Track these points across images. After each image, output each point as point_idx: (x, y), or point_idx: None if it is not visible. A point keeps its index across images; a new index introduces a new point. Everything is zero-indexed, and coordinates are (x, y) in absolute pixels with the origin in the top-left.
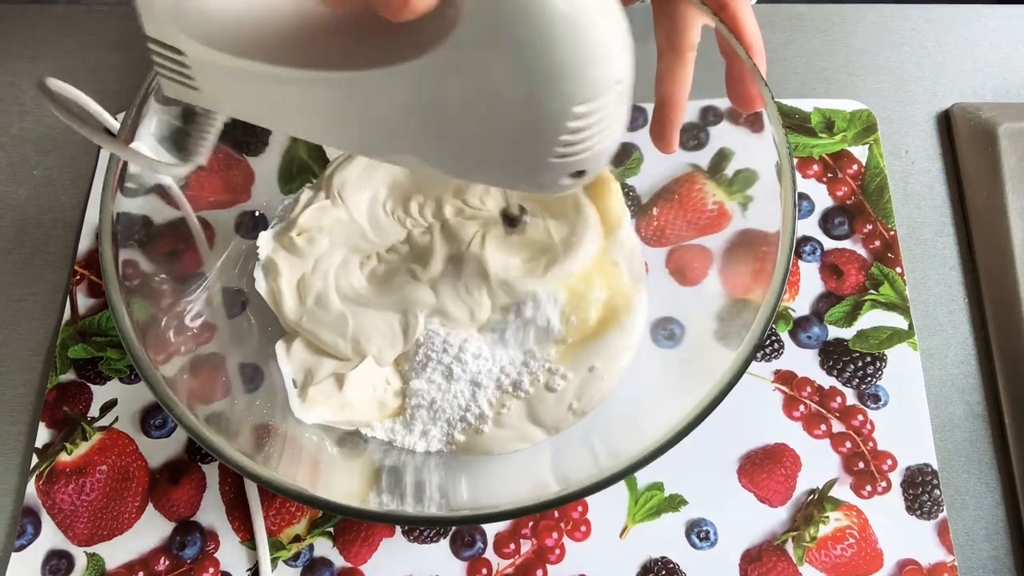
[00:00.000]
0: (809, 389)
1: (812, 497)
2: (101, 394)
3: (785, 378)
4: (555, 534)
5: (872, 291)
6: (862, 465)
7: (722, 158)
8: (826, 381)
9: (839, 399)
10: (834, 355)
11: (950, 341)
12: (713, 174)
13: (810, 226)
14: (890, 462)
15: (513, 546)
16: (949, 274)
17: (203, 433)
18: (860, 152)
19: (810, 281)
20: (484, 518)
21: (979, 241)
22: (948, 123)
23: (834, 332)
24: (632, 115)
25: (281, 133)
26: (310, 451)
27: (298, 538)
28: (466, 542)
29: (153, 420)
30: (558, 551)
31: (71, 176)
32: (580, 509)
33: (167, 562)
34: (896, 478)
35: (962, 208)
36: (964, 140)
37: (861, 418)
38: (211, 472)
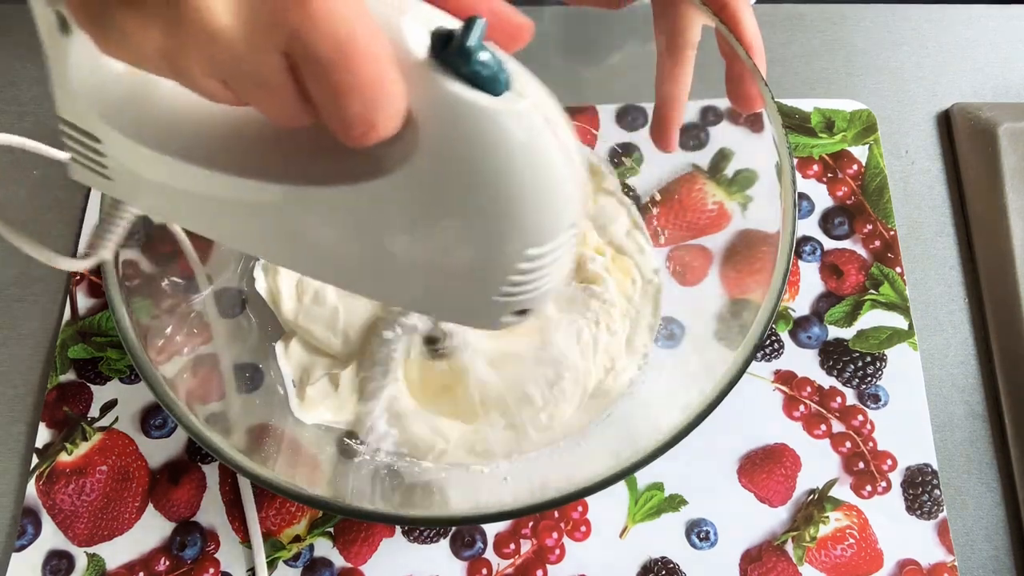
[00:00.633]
0: (809, 389)
1: (812, 497)
2: (101, 394)
3: (785, 378)
4: (555, 534)
5: (872, 291)
6: (862, 465)
7: (722, 158)
8: (826, 381)
9: (839, 399)
10: (834, 355)
11: (950, 341)
12: (713, 174)
13: (810, 226)
14: (890, 462)
15: (513, 546)
16: (949, 274)
17: (203, 433)
18: (860, 152)
19: (810, 281)
20: (484, 518)
21: (979, 241)
22: (948, 123)
23: (834, 332)
24: (632, 115)
25: None
26: (310, 451)
27: (298, 538)
28: (466, 542)
29: (153, 420)
30: (558, 551)
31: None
32: (580, 509)
33: (167, 562)
34: (896, 478)
35: (962, 208)
36: (964, 140)
37: (861, 418)
38: (211, 472)
